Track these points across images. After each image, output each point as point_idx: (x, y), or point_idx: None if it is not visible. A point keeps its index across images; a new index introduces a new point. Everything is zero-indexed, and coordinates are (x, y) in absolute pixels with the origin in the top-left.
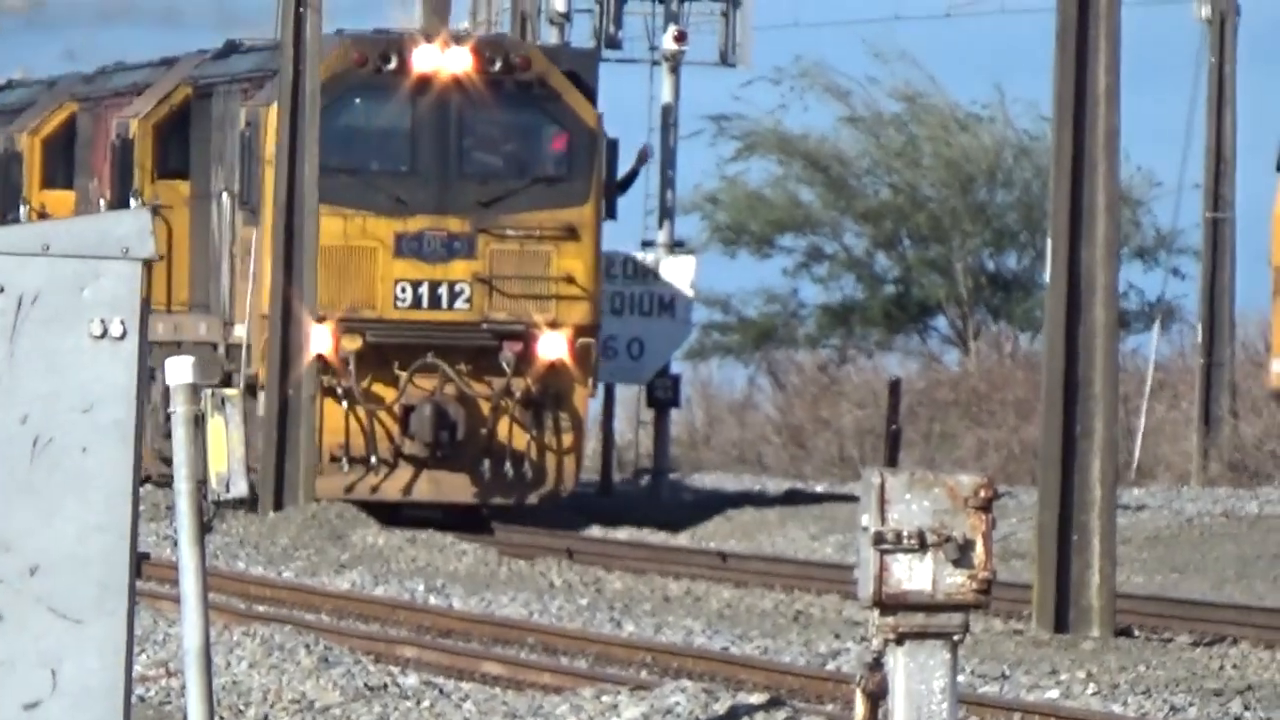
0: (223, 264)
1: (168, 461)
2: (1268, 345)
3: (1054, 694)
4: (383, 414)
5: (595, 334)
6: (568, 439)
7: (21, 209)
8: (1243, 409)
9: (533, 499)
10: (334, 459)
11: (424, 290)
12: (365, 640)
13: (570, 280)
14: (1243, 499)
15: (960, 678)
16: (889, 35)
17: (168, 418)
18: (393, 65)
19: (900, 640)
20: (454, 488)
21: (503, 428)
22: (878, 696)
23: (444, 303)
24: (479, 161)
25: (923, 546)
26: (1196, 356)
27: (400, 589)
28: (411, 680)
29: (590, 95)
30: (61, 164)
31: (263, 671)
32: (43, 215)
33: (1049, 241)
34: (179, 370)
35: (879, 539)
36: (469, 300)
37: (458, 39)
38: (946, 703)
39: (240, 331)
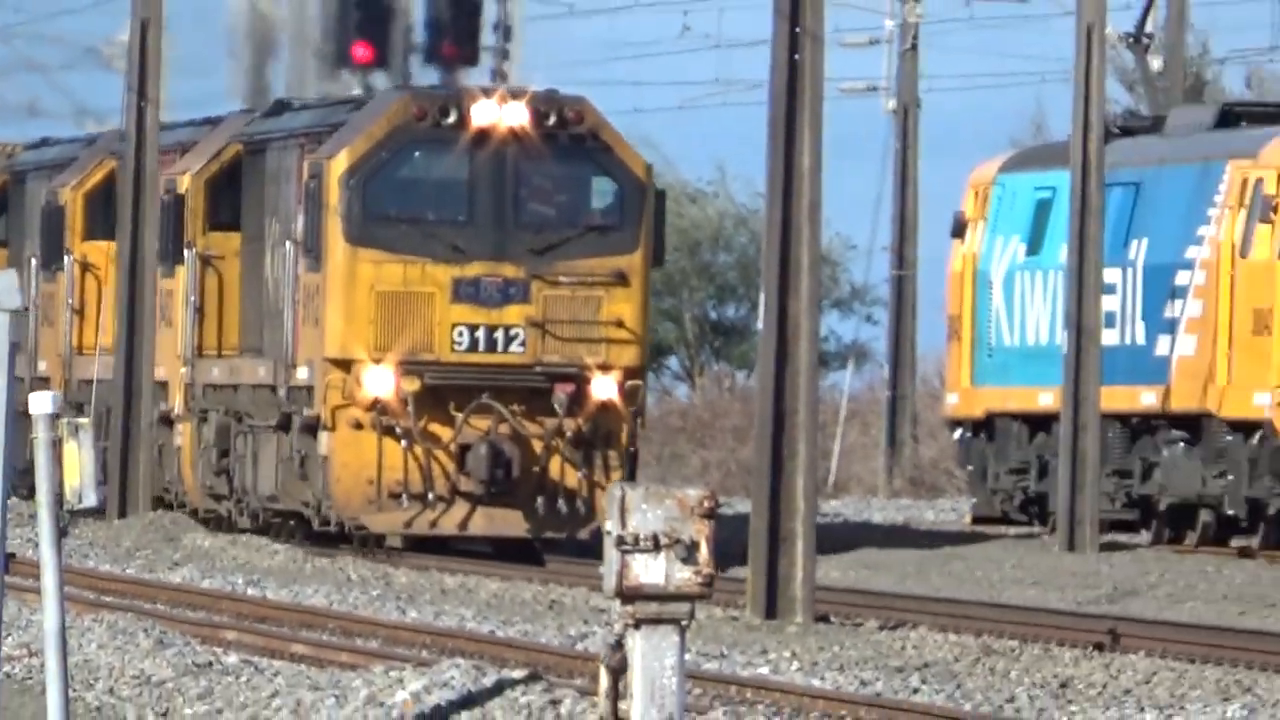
0: (284, 309)
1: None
2: (943, 381)
3: (764, 670)
4: (439, 453)
5: (643, 375)
6: (616, 475)
7: (65, 259)
8: (922, 434)
9: (583, 534)
10: (393, 495)
11: (480, 334)
12: (194, 625)
13: (620, 324)
14: (921, 509)
15: (687, 656)
16: (633, 124)
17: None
18: (451, 119)
19: (638, 625)
20: (508, 523)
21: (554, 465)
22: (619, 672)
23: (499, 346)
24: (533, 211)
25: (657, 548)
26: (883, 390)
27: (224, 582)
28: (233, 659)
29: None
30: (102, 217)
31: (109, 652)
32: (84, 266)
33: (762, 295)
34: (40, 403)
35: (621, 541)
36: (523, 343)
37: (514, 94)
38: (676, 677)
39: (303, 374)
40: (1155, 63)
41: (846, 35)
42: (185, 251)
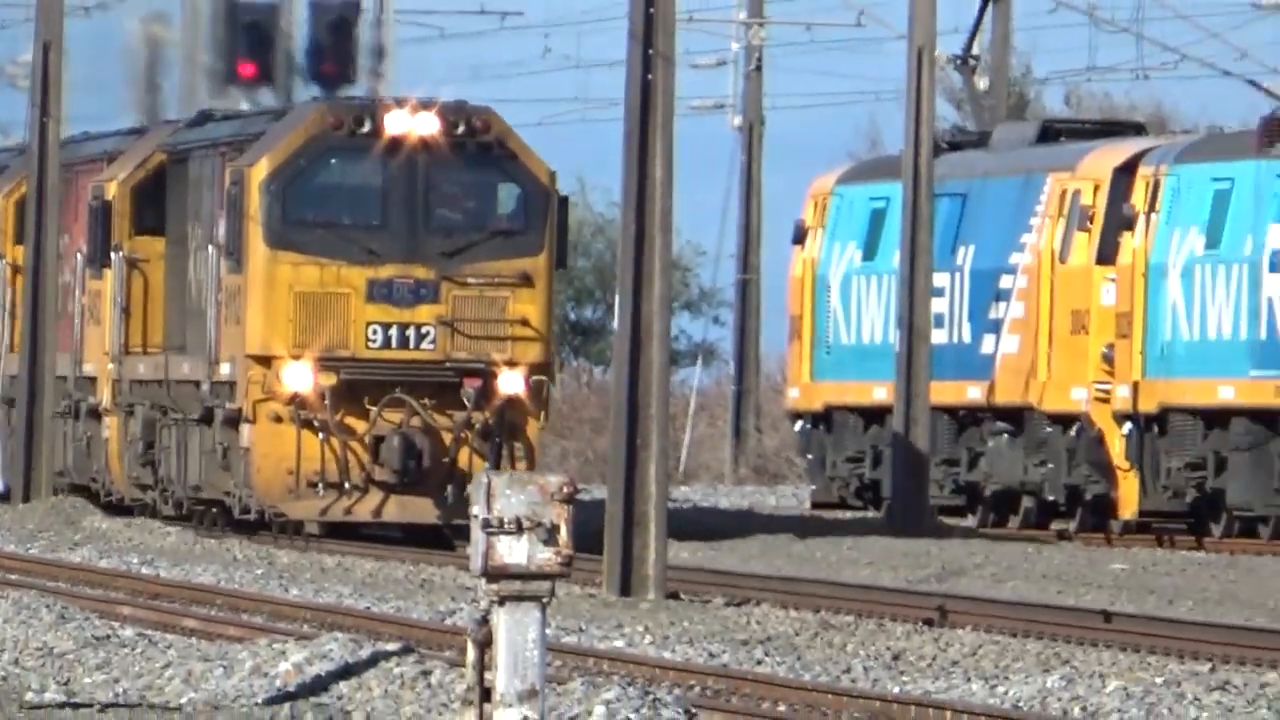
0: (208, 310)
1: None
2: (785, 377)
3: (620, 643)
4: (355, 444)
5: (547, 371)
6: (521, 465)
7: (114, 255)
8: (765, 426)
9: None
10: (311, 485)
11: (393, 332)
12: (93, 602)
13: (525, 323)
14: (764, 495)
15: (547, 630)
16: None
17: None
18: (366, 129)
19: (502, 602)
20: (419, 510)
21: (464, 456)
22: (485, 645)
23: (411, 343)
24: (443, 216)
25: (520, 530)
26: (729, 385)
27: (120, 562)
28: (129, 633)
29: None
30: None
31: (14, 626)
32: (15, 269)
33: (618, 298)
34: None
35: (486, 524)
36: (434, 341)
37: (425, 105)
38: (537, 650)
39: (226, 370)
40: (981, 83)
41: (696, 57)
42: (113, 255)
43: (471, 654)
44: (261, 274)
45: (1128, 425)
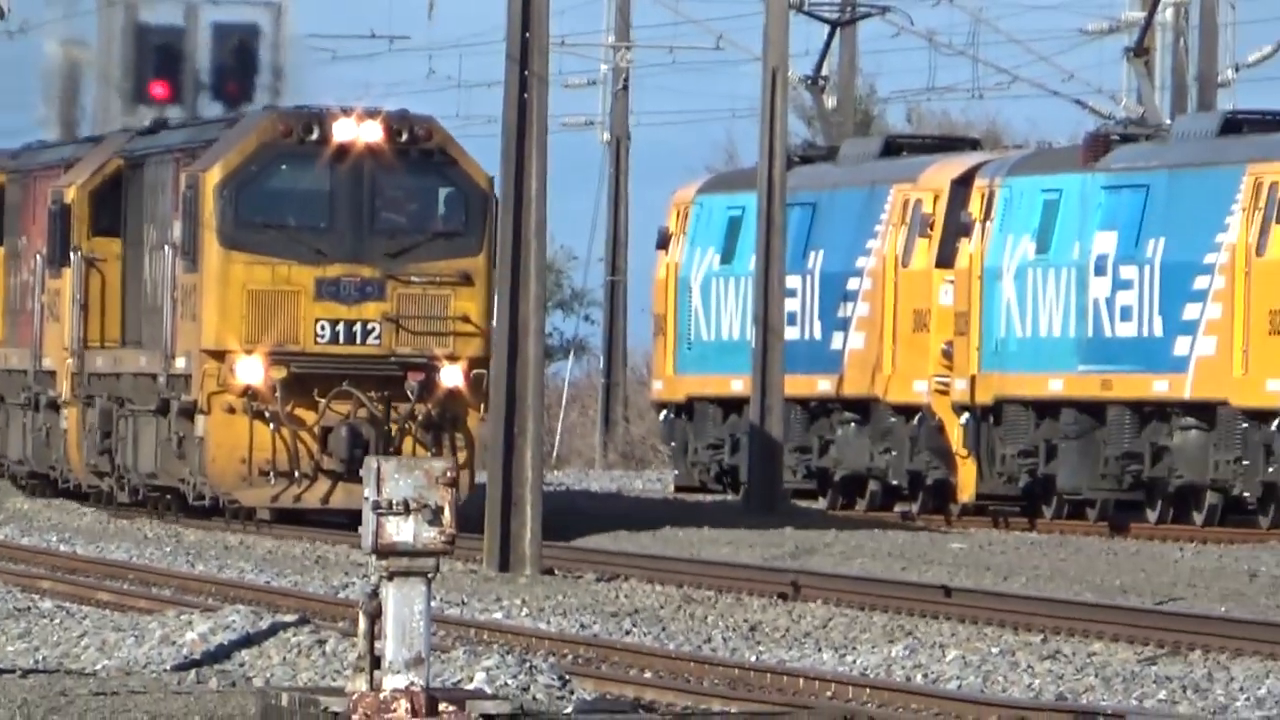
0: (164, 307)
1: None
2: (650, 370)
3: (498, 615)
4: (304, 434)
5: (487, 365)
6: (463, 456)
7: (72, 256)
8: (632, 415)
9: None
10: (262, 473)
11: (340, 328)
12: (14, 576)
13: (466, 320)
14: (631, 479)
15: (432, 603)
16: None
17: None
18: (315, 136)
19: (391, 577)
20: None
21: (407, 446)
22: (375, 616)
23: (358, 338)
24: (387, 218)
25: (407, 511)
26: (599, 378)
27: (40, 539)
28: (48, 604)
29: None
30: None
31: None
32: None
33: (496, 298)
34: None
35: (377, 506)
36: (379, 337)
37: (370, 114)
38: (423, 621)
39: (182, 363)
40: (830, 101)
41: (568, 77)
42: (71, 255)
43: (363, 625)
44: (216, 273)
45: (965, 415)
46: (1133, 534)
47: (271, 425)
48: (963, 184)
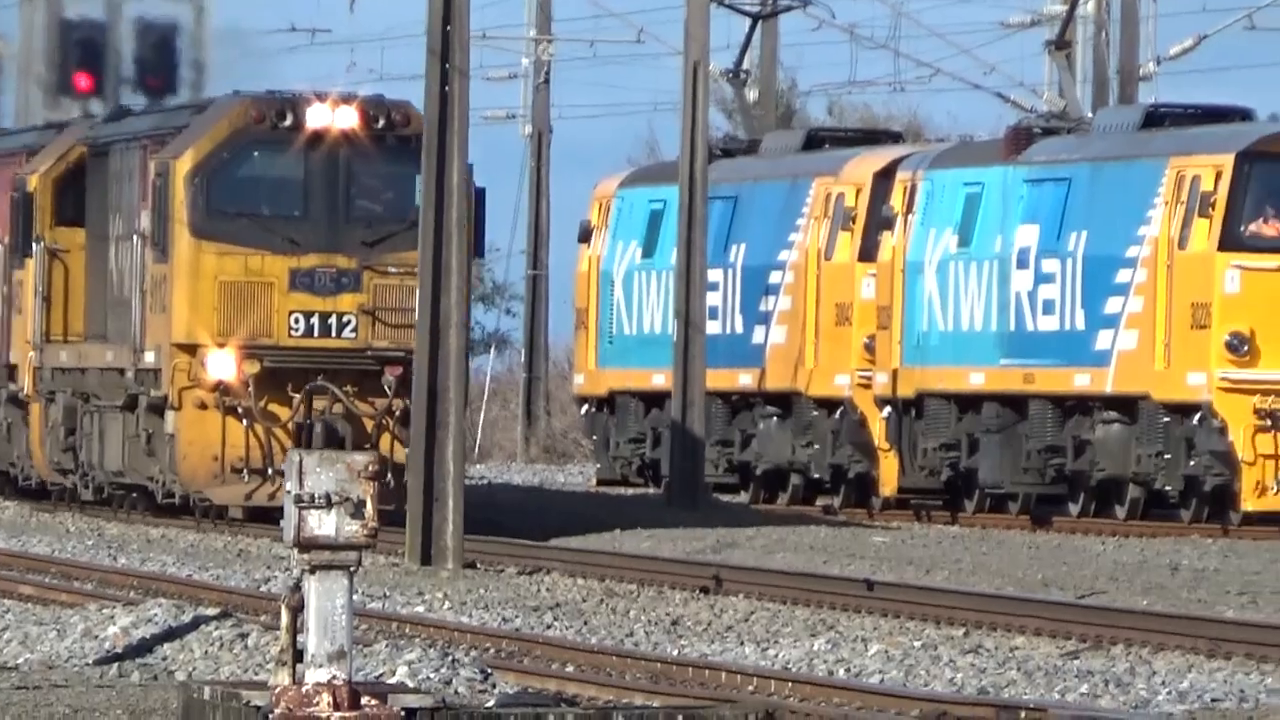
0: (133, 299)
1: None
2: (572, 364)
3: (420, 609)
4: (278, 430)
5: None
6: None
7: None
8: (554, 409)
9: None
10: (235, 470)
11: (315, 320)
12: None
13: None
14: (553, 472)
15: (355, 597)
16: None
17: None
18: (288, 122)
19: (313, 570)
20: None
21: (385, 442)
22: (297, 610)
23: (333, 331)
24: (363, 206)
25: (329, 505)
26: (521, 371)
27: None
28: None
29: None
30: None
31: None
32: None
33: (418, 290)
34: None
35: (299, 499)
36: (355, 329)
37: (345, 99)
38: (345, 614)
39: (151, 358)
40: (751, 94)
41: (490, 71)
42: (34, 245)
43: (285, 618)
44: (186, 264)
45: (887, 409)
46: (1055, 528)
47: (244, 421)
48: (885, 177)
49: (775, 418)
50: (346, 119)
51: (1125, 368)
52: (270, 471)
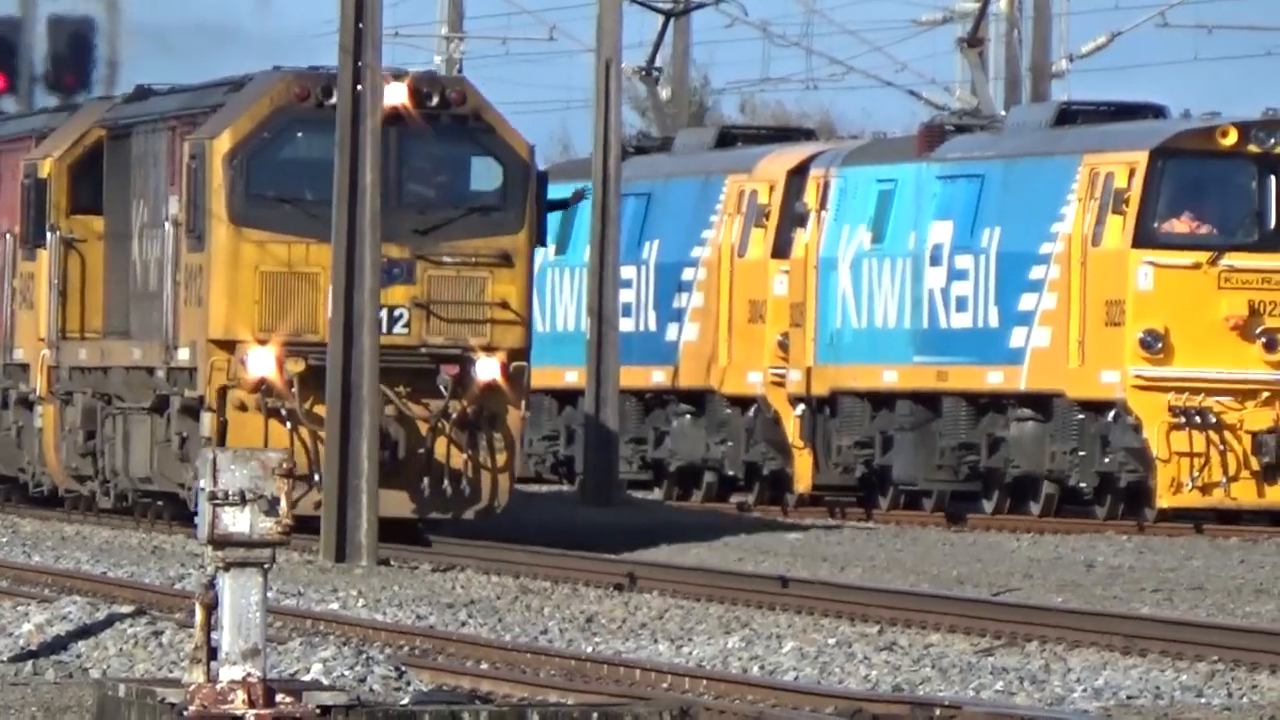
0: (164, 291)
1: None
2: None
3: (335, 606)
4: (325, 434)
5: (527, 357)
6: (501, 458)
7: (49, 235)
8: None
9: (469, 515)
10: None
11: None
12: None
13: (505, 305)
14: None
15: (269, 594)
16: None
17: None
18: (334, 99)
19: (227, 568)
20: (394, 504)
21: (440, 447)
22: (211, 607)
23: (384, 327)
24: (417, 192)
25: (243, 502)
26: None
27: None
28: None
29: None
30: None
31: None
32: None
33: (331, 289)
34: None
35: (213, 496)
36: (407, 325)
37: (395, 75)
38: (259, 612)
39: (185, 355)
40: (664, 92)
41: (403, 67)
42: (48, 235)
43: (199, 616)
44: (224, 253)
45: (801, 407)
46: (969, 525)
47: (288, 424)
48: (798, 174)
49: (689, 415)
50: (396, 95)
51: (1039, 365)
52: (316, 478)
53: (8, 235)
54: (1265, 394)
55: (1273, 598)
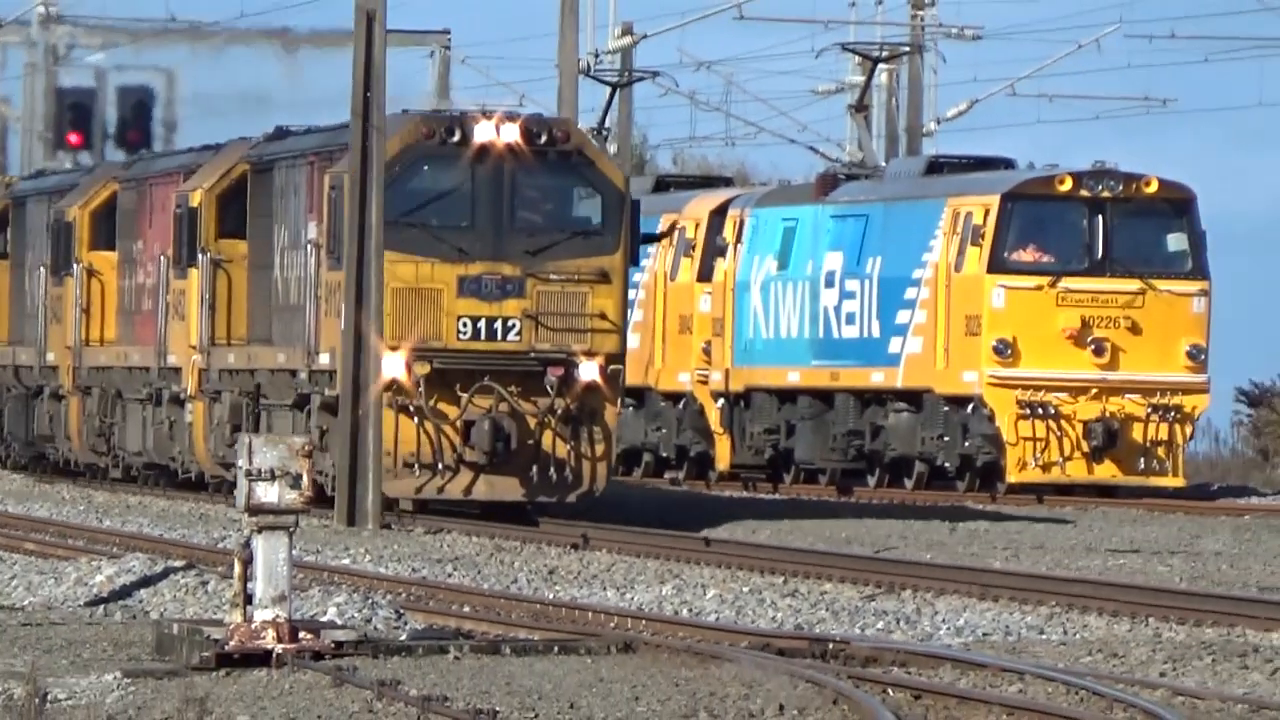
0: (306, 304)
1: None
2: None
3: (346, 561)
4: (447, 428)
5: (622, 361)
6: (600, 448)
7: (76, 266)
8: None
9: (571, 498)
10: (407, 465)
11: (482, 324)
12: None
13: (603, 316)
14: None
15: (295, 551)
16: None
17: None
18: (456, 138)
19: (260, 530)
20: (506, 489)
21: (547, 439)
22: (247, 562)
23: (499, 335)
24: (527, 217)
25: (273, 477)
26: None
27: None
28: None
29: None
30: (104, 231)
31: None
32: (90, 272)
33: (343, 310)
34: None
35: (249, 473)
36: (519, 333)
37: (510, 117)
38: (286, 566)
39: (325, 359)
40: (612, 148)
41: None
42: (200, 256)
43: (237, 569)
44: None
45: (721, 401)
46: (856, 496)
47: (415, 419)
48: (719, 214)
49: (631, 408)
50: (510, 134)
51: (912, 367)
52: (440, 466)
53: (161, 257)
54: (1094, 390)
55: (1099, 555)
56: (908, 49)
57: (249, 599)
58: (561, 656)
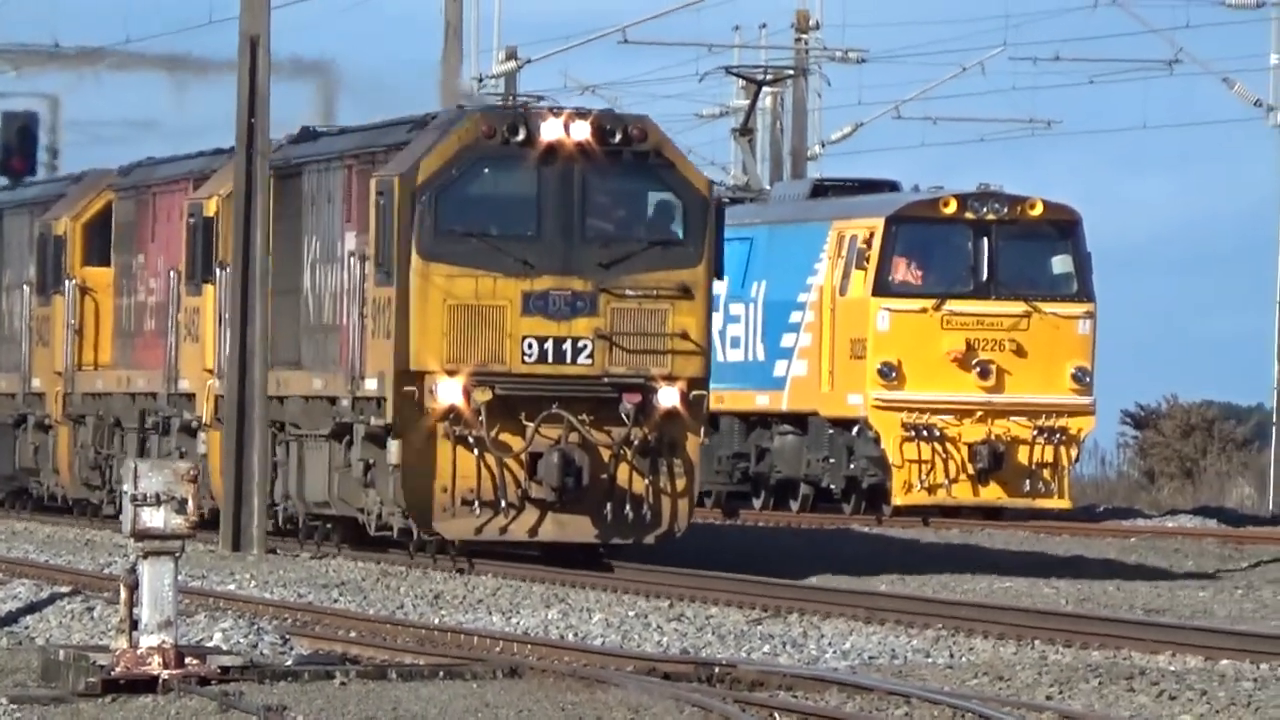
0: (348, 324)
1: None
2: None
3: (232, 586)
4: (511, 461)
5: (706, 386)
6: (681, 483)
7: (66, 283)
8: None
9: (649, 539)
10: (465, 502)
11: (549, 346)
12: None
13: (685, 336)
14: None
15: (180, 576)
16: None
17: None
18: (520, 137)
19: (146, 556)
20: (577, 529)
21: (622, 473)
22: (133, 588)
23: (568, 357)
24: (599, 226)
25: (159, 502)
26: None
27: None
28: None
29: None
30: (98, 244)
31: None
32: (83, 290)
33: (228, 331)
34: None
35: (135, 498)
36: (591, 355)
37: (580, 114)
38: (172, 591)
39: (372, 385)
40: None
41: None
42: (216, 271)
43: (123, 594)
44: (415, 287)
45: None
46: (742, 518)
47: (475, 451)
48: None
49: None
50: (581, 133)
51: (798, 390)
52: (504, 504)
53: (170, 273)
54: (979, 413)
55: (985, 577)
56: (792, 72)
57: (135, 624)
58: (447, 682)
